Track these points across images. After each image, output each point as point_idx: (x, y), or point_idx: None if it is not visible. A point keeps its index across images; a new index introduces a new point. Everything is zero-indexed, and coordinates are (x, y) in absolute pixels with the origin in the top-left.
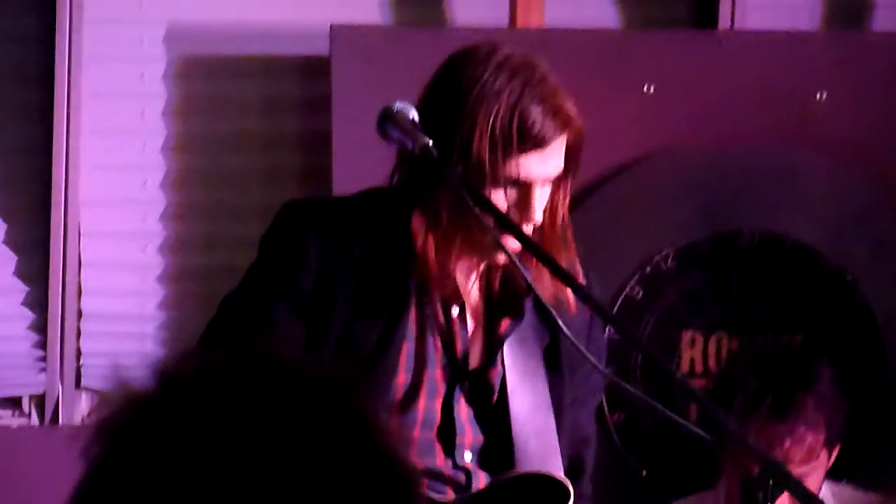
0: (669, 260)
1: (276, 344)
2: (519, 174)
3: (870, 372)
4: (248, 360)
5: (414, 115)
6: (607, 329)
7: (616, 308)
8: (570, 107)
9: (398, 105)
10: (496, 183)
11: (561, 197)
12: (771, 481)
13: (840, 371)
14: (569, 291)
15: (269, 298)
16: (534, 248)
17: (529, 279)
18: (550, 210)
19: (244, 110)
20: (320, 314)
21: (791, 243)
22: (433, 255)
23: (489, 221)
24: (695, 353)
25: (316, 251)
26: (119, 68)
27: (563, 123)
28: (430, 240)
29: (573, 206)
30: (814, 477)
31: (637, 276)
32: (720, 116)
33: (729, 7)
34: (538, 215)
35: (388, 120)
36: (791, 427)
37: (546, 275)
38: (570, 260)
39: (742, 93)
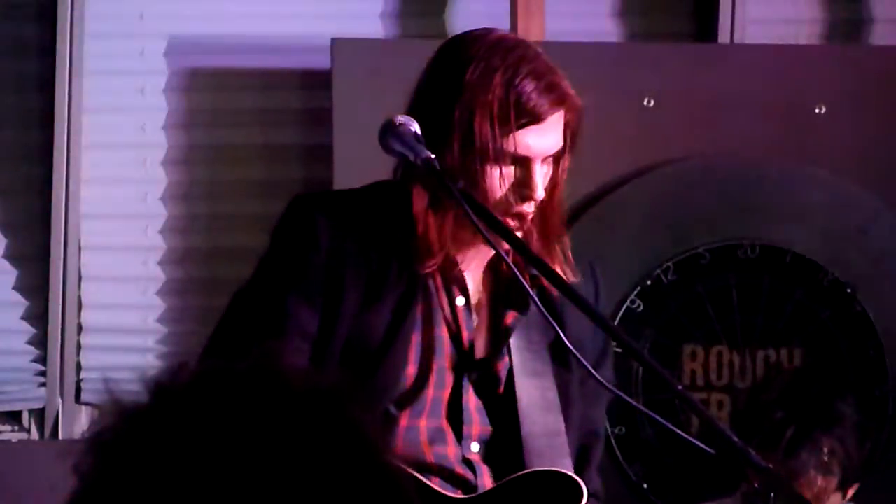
0: (670, 273)
1: (272, 353)
2: (518, 149)
3: (870, 383)
4: (242, 371)
5: (416, 127)
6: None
7: (617, 321)
8: (566, 84)
9: (400, 118)
10: (498, 160)
11: (560, 176)
12: (772, 494)
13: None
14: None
15: (282, 289)
16: (533, 258)
17: (529, 287)
18: (552, 189)
19: (245, 123)
20: (331, 301)
21: (791, 255)
22: (434, 236)
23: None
24: (696, 365)
25: (326, 239)
26: (120, 81)
27: (560, 99)
28: (431, 221)
29: (573, 219)
30: None
31: (638, 290)
32: (720, 129)
33: (729, 20)
34: (540, 191)
35: (389, 132)
36: (803, 468)
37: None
38: (564, 245)
39: (742, 106)
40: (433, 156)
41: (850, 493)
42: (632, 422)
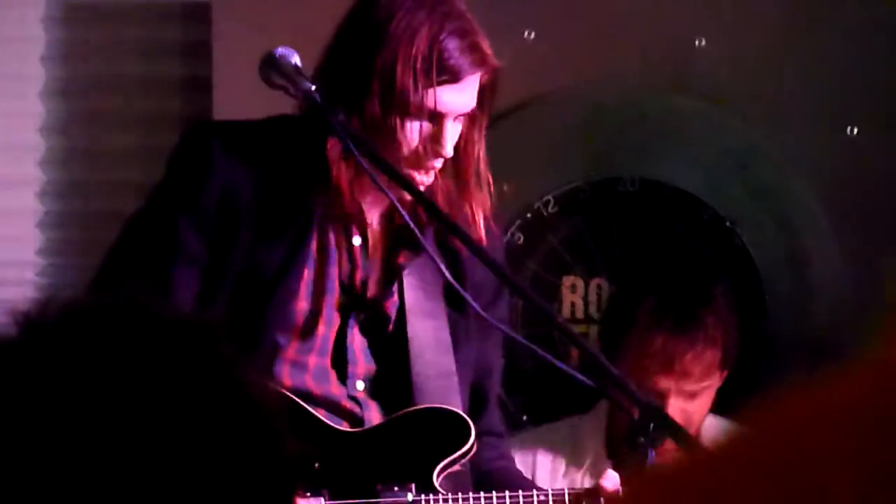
0: (550, 206)
1: (139, 289)
2: (434, 105)
3: (750, 317)
4: (109, 305)
5: (296, 60)
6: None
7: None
8: (487, 46)
9: (280, 50)
10: (413, 113)
11: (476, 135)
12: (651, 425)
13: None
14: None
15: (173, 213)
16: (417, 195)
17: (419, 227)
18: (465, 147)
19: (124, 55)
20: (224, 229)
21: (671, 189)
22: (346, 185)
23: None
24: (575, 298)
25: (223, 167)
26: None
27: (480, 60)
28: (344, 169)
29: None
30: (707, 396)
31: (518, 223)
32: (601, 62)
33: None
34: (449, 149)
35: (270, 65)
36: (692, 342)
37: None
38: (484, 198)
39: (623, 38)
40: (313, 87)
41: (724, 376)
42: (512, 354)
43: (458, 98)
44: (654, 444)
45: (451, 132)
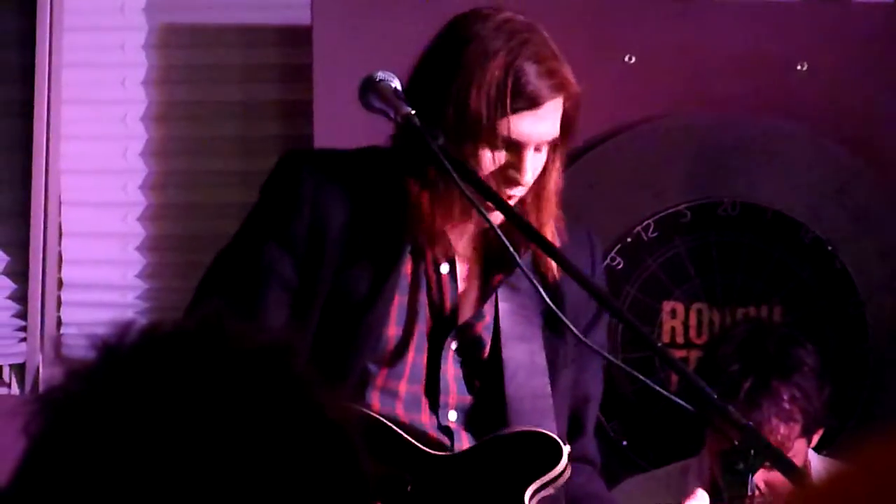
0: (650, 230)
1: (219, 313)
2: (511, 133)
3: (850, 342)
4: (188, 330)
5: (396, 84)
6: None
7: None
8: (567, 72)
9: (380, 74)
10: (490, 141)
11: (555, 163)
12: (752, 451)
13: (823, 349)
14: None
15: (263, 239)
16: (516, 218)
17: (514, 250)
18: (543, 174)
19: (224, 79)
20: (313, 254)
21: (772, 213)
22: (428, 214)
23: (471, 190)
24: (675, 323)
25: (312, 194)
26: (100, 37)
27: (559, 86)
28: (425, 200)
29: None
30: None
31: (618, 247)
32: (701, 87)
33: None
34: (528, 177)
35: (370, 89)
36: (765, 416)
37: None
38: (558, 227)
39: (724, 62)
40: (413, 111)
41: (815, 439)
42: (611, 379)
43: (537, 126)
44: (753, 470)
45: (532, 161)
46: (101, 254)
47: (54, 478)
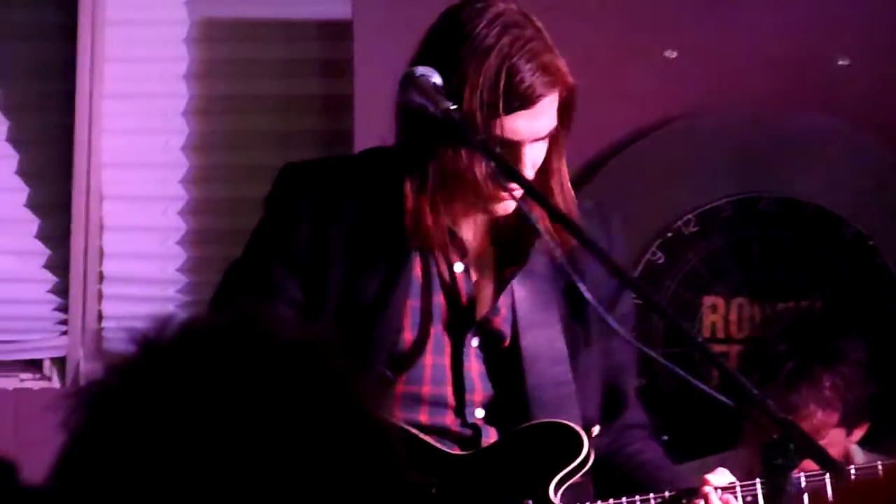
0: (691, 225)
1: (257, 308)
2: (506, 133)
3: (890, 336)
4: (227, 323)
5: (436, 79)
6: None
7: (638, 273)
8: (561, 64)
9: (420, 69)
10: (486, 138)
11: (556, 152)
12: (792, 446)
13: (869, 344)
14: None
15: (267, 260)
16: (550, 207)
17: (539, 226)
18: (545, 166)
19: (265, 73)
20: (316, 269)
21: (812, 207)
22: (427, 215)
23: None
24: (716, 318)
25: (309, 208)
26: (141, 31)
27: (553, 81)
28: (423, 201)
29: (595, 171)
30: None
31: (658, 241)
32: (741, 81)
33: None
34: (528, 172)
35: (410, 84)
36: (804, 401)
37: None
38: (569, 207)
39: (764, 57)
40: (454, 106)
41: (859, 433)
42: (651, 374)
43: (533, 124)
44: (793, 465)
45: (530, 156)
46: (142, 248)
47: (94, 471)
